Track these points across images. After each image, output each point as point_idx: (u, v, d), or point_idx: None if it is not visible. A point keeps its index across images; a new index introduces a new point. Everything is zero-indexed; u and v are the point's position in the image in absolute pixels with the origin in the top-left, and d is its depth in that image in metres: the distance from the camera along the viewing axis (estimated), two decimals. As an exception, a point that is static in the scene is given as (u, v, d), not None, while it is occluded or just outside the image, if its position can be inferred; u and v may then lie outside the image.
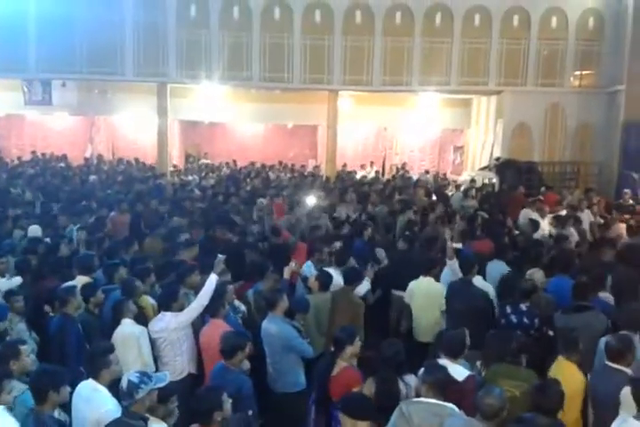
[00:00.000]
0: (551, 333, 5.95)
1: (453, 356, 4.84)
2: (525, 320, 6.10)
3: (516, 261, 7.69)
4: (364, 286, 6.95)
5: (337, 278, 6.85)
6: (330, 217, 10.61)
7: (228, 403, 4.15)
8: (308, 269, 7.55)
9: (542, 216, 10.57)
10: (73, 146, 22.62)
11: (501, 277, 6.80)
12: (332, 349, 5.04)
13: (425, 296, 7.07)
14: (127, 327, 5.60)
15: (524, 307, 6.20)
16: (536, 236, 9.53)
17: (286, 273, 6.69)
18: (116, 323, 5.67)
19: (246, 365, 5.19)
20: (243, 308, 6.37)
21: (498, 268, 7.43)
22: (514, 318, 6.15)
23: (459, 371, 4.71)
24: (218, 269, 6.04)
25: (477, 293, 6.69)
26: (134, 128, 22.61)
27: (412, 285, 7.20)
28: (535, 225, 9.92)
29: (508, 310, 6.25)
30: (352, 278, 6.69)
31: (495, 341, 5.01)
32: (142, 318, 5.90)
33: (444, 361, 4.73)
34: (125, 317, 5.65)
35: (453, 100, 20.77)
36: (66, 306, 5.74)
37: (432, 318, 6.99)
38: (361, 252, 8.24)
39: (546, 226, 10.15)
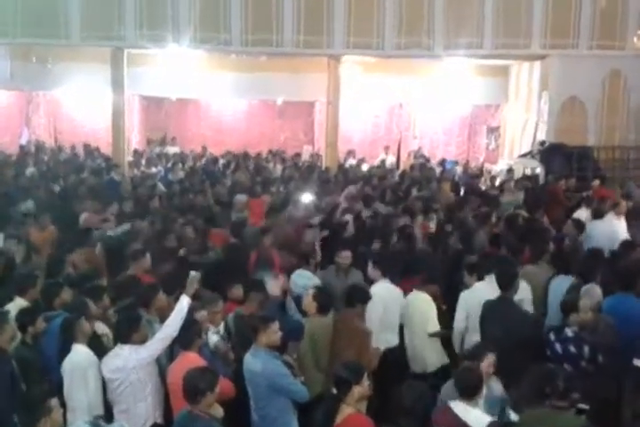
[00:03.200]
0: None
1: (468, 397, 4.94)
2: (572, 349, 6.15)
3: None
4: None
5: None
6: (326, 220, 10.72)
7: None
8: (299, 279, 7.61)
9: (597, 217, 10.62)
10: (5, 130, 22.54)
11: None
12: (335, 390, 5.04)
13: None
14: (78, 356, 5.70)
15: (569, 332, 6.26)
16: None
17: (275, 289, 6.69)
18: (66, 350, 5.74)
19: (219, 411, 5.21)
20: (214, 338, 6.32)
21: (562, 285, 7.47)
22: (558, 348, 6.21)
23: (477, 417, 4.81)
24: (191, 289, 6.04)
25: (521, 315, 6.78)
26: (82, 106, 22.59)
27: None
28: (580, 227, 10.00)
29: (552, 337, 6.32)
30: (357, 299, 6.70)
31: (532, 378, 5.03)
32: (98, 347, 5.97)
33: (457, 404, 4.85)
34: (78, 341, 5.76)
35: (487, 69, 20.75)
36: (-4, 338, 5.73)
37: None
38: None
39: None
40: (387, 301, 7.27)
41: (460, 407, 4.97)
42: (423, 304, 7.45)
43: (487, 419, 4.79)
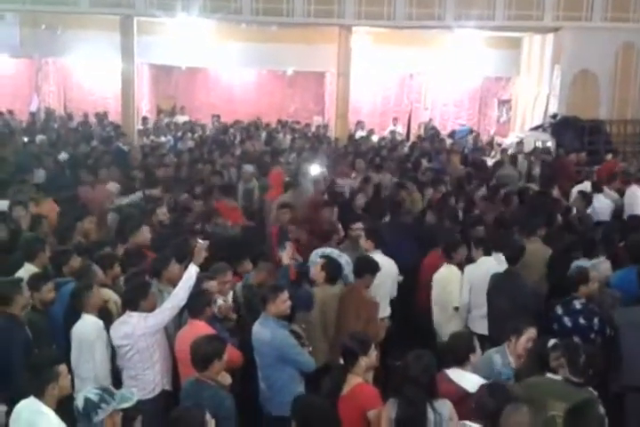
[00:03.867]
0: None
1: (459, 363, 5.06)
2: (582, 321, 6.17)
3: (571, 248, 7.73)
4: None
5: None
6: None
7: (212, 426, 4.19)
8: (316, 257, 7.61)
9: (597, 191, 10.63)
10: (14, 97, 22.51)
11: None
12: (342, 361, 5.05)
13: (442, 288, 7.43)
14: (86, 326, 5.70)
15: (578, 304, 6.28)
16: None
17: (285, 258, 6.68)
18: (75, 317, 5.76)
19: (227, 379, 5.23)
20: (219, 302, 6.30)
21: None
22: (567, 321, 6.23)
23: (471, 380, 4.93)
24: (199, 258, 6.03)
25: (526, 288, 6.85)
26: (92, 74, 22.44)
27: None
28: (587, 200, 10.02)
29: (559, 311, 6.33)
30: (365, 270, 6.68)
31: (538, 350, 5.22)
32: (106, 314, 5.99)
33: (453, 371, 5.00)
34: (87, 310, 5.77)
35: (498, 40, 20.56)
36: (10, 305, 5.73)
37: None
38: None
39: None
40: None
41: (455, 373, 5.03)
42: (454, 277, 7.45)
43: (481, 381, 4.84)
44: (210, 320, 5.87)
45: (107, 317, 5.99)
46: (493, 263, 7.30)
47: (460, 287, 7.33)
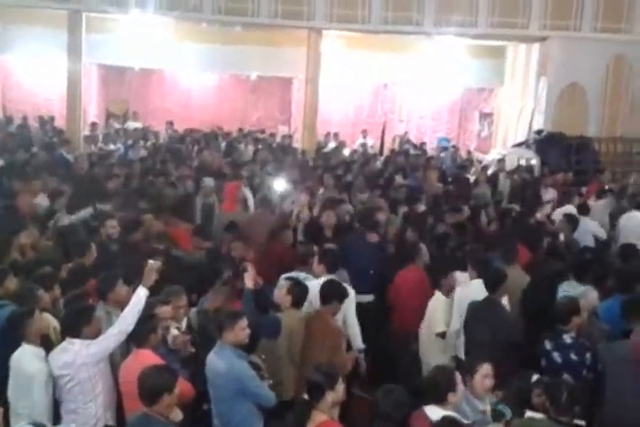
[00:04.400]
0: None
1: (438, 401, 5.06)
2: (573, 357, 6.20)
3: (556, 275, 7.80)
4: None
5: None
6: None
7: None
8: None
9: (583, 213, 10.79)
10: (-53, 97, 22.29)
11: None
12: (307, 395, 5.02)
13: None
14: (25, 360, 5.58)
15: (568, 339, 6.30)
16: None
17: (248, 281, 6.62)
18: (12, 346, 5.63)
19: (178, 415, 5.16)
20: (173, 333, 6.25)
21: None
22: (557, 357, 6.26)
23: None
24: (149, 279, 5.96)
25: (507, 318, 6.90)
26: (35, 74, 22.22)
27: None
28: (573, 222, 10.07)
29: (548, 345, 6.35)
30: (331, 296, 6.67)
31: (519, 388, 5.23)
32: (45, 344, 5.86)
33: (431, 408, 4.99)
34: (28, 339, 5.66)
35: (481, 49, 20.86)
36: None
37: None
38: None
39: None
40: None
41: (432, 411, 5.02)
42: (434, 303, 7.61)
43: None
44: (158, 349, 5.81)
45: (45, 344, 5.87)
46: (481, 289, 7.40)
47: (444, 311, 7.43)
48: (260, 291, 7.06)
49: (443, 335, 7.43)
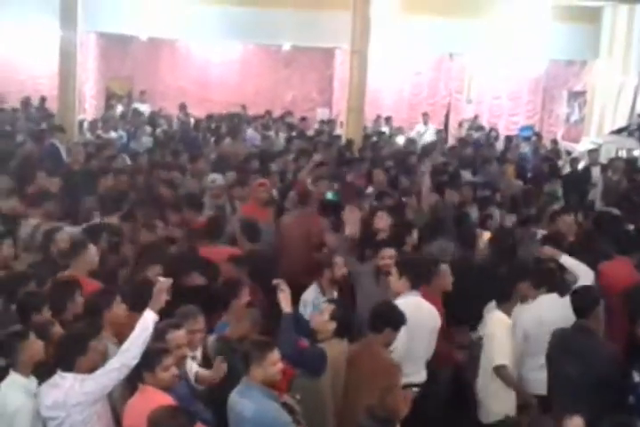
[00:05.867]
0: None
1: None
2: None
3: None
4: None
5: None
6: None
7: None
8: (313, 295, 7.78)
9: None
10: None
11: None
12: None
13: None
14: (9, 394, 5.63)
15: None
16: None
17: (284, 303, 6.62)
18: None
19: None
20: (194, 367, 6.32)
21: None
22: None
23: None
24: (158, 301, 6.02)
25: (602, 350, 6.86)
26: (18, 46, 22.50)
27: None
28: None
29: (637, 378, 6.38)
30: (385, 322, 6.70)
31: None
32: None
33: None
34: (19, 368, 5.71)
35: (571, 11, 20.80)
36: None
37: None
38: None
39: None
40: (413, 322, 7.24)
41: None
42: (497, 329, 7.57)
43: None
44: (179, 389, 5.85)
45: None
46: (554, 302, 7.49)
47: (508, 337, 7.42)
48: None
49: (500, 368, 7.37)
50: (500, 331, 7.45)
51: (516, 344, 7.44)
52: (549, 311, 7.38)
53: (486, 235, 9.88)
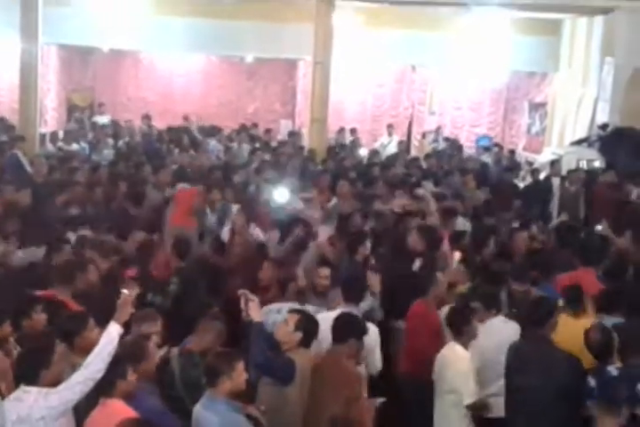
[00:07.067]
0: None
1: None
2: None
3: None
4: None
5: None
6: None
7: None
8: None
9: None
10: None
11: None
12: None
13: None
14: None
15: (614, 371, 6.35)
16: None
17: (254, 312, 6.62)
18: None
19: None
20: None
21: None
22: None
23: None
24: (123, 313, 6.00)
25: (562, 359, 6.80)
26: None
27: None
28: None
29: (592, 382, 6.39)
30: (348, 332, 6.70)
31: None
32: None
33: None
34: None
35: (531, 24, 20.94)
36: None
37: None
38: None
39: None
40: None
41: None
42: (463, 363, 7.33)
43: None
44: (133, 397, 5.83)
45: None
46: (503, 325, 7.52)
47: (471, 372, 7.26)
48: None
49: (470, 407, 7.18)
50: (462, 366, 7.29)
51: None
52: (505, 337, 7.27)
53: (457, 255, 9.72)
